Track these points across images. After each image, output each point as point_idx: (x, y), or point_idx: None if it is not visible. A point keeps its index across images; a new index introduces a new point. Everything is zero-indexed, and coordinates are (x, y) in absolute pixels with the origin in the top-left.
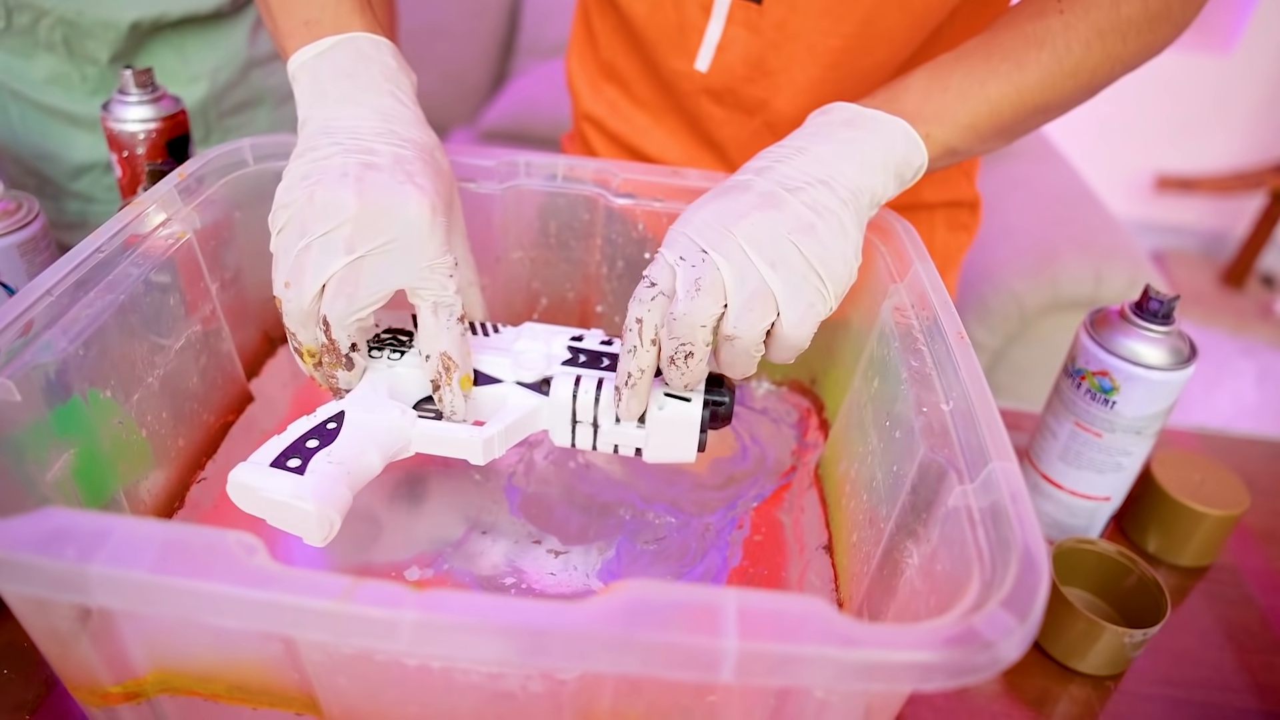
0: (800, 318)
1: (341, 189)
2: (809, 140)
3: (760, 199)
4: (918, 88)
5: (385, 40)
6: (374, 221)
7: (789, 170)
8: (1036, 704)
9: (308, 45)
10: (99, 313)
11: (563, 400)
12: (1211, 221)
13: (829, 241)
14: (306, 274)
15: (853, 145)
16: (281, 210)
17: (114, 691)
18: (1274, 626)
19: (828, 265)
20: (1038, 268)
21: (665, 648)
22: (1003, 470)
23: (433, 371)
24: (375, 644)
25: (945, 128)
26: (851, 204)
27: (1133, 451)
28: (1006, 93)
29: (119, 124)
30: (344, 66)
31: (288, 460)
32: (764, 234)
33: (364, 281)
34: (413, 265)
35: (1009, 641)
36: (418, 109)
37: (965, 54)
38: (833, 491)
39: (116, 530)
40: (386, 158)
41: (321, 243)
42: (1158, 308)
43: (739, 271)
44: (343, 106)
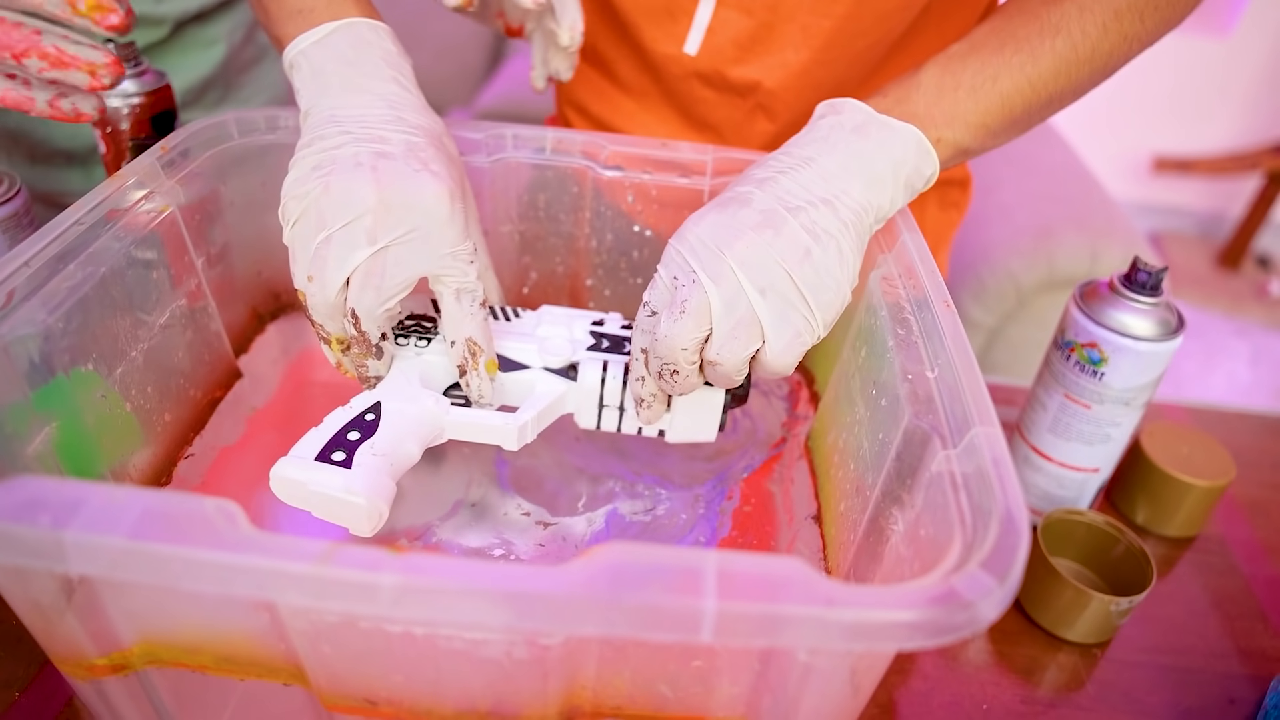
0: (785, 346)
1: (357, 179)
2: (818, 149)
3: (760, 218)
4: (930, 86)
5: (383, 25)
6: (394, 211)
7: (793, 185)
8: (1025, 672)
9: (305, 33)
10: (79, 284)
11: (591, 386)
12: (1208, 203)
13: (824, 269)
14: (329, 267)
15: (861, 158)
16: (293, 202)
17: (100, 664)
18: (1258, 594)
19: (819, 294)
20: (1034, 246)
21: (645, 609)
22: (985, 435)
23: (458, 357)
24: (355, 608)
25: (957, 129)
26: (853, 226)
27: (1121, 423)
28: (1020, 86)
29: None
30: (344, 53)
31: (332, 454)
32: (758, 258)
33: (389, 272)
34: (435, 253)
35: (988, 601)
36: (420, 93)
37: (977, 45)
38: (822, 462)
39: (92, 498)
40: (399, 145)
41: (342, 235)
42: (1146, 279)
43: (727, 298)
44: (347, 94)
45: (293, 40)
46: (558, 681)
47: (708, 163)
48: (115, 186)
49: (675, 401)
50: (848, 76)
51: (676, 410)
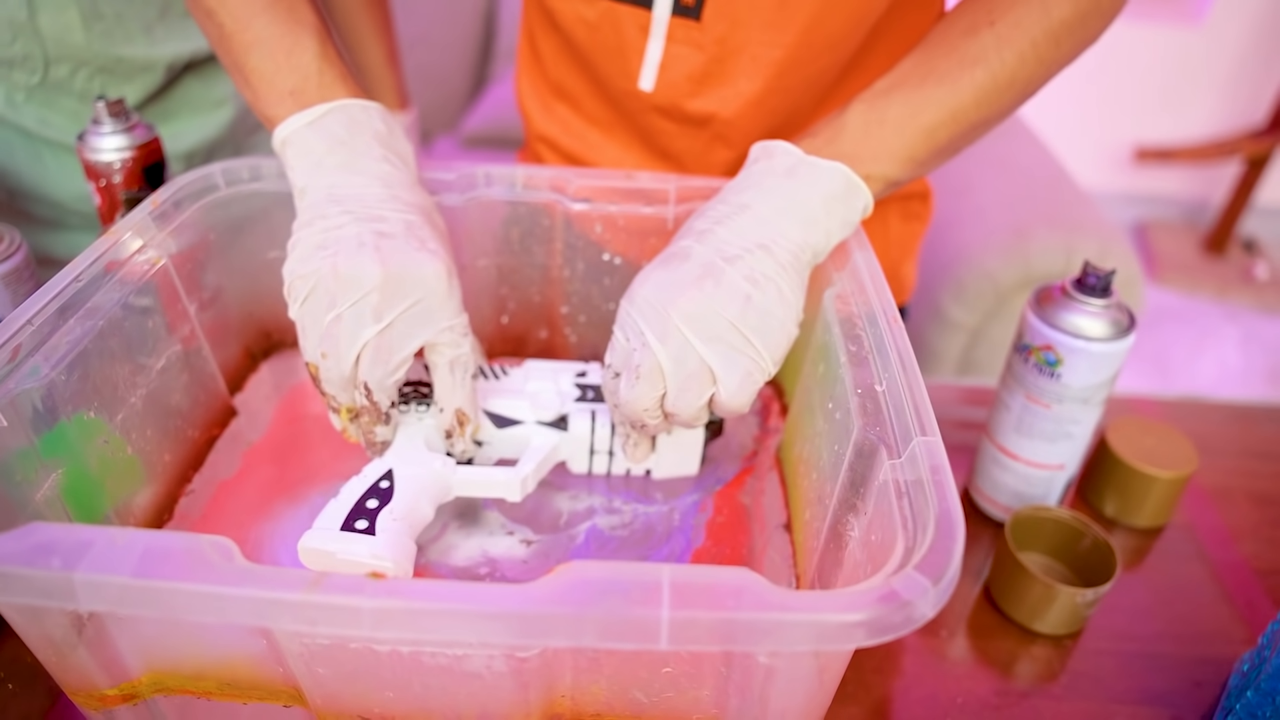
0: (738, 387)
1: (362, 258)
2: (752, 195)
3: (700, 271)
4: (856, 125)
5: (374, 104)
6: (398, 288)
7: (729, 235)
8: (1003, 665)
9: (297, 114)
10: (80, 338)
11: (581, 435)
12: (1191, 190)
13: (766, 311)
14: (342, 343)
15: (794, 199)
16: (300, 281)
17: (111, 694)
18: (1222, 580)
19: (764, 335)
20: (1010, 245)
21: (606, 621)
22: (925, 445)
23: (448, 422)
24: (340, 630)
25: (885, 164)
26: (791, 266)
27: (1081, 420)
28: (943, 118)
29: (94, 154)
30: (338, 134)
31: (355, 522)
32: (700, 311)
33: (395, 346)
34: (435, 325)
35: (924, 600)
36: (413, 168)
37: (900, 81)
38: (790, 473)
39: (98, 540)
40: (398, 225)
41: (352, 313)
42: (1095, 282)
43: (676, 355)
44: (342, 174)
45: (285, 120)
46: (538, 692)
47: (670, 191)
48: (111, 242)
49: (659, 442)
50: (801, 102)
51: (660, 450)
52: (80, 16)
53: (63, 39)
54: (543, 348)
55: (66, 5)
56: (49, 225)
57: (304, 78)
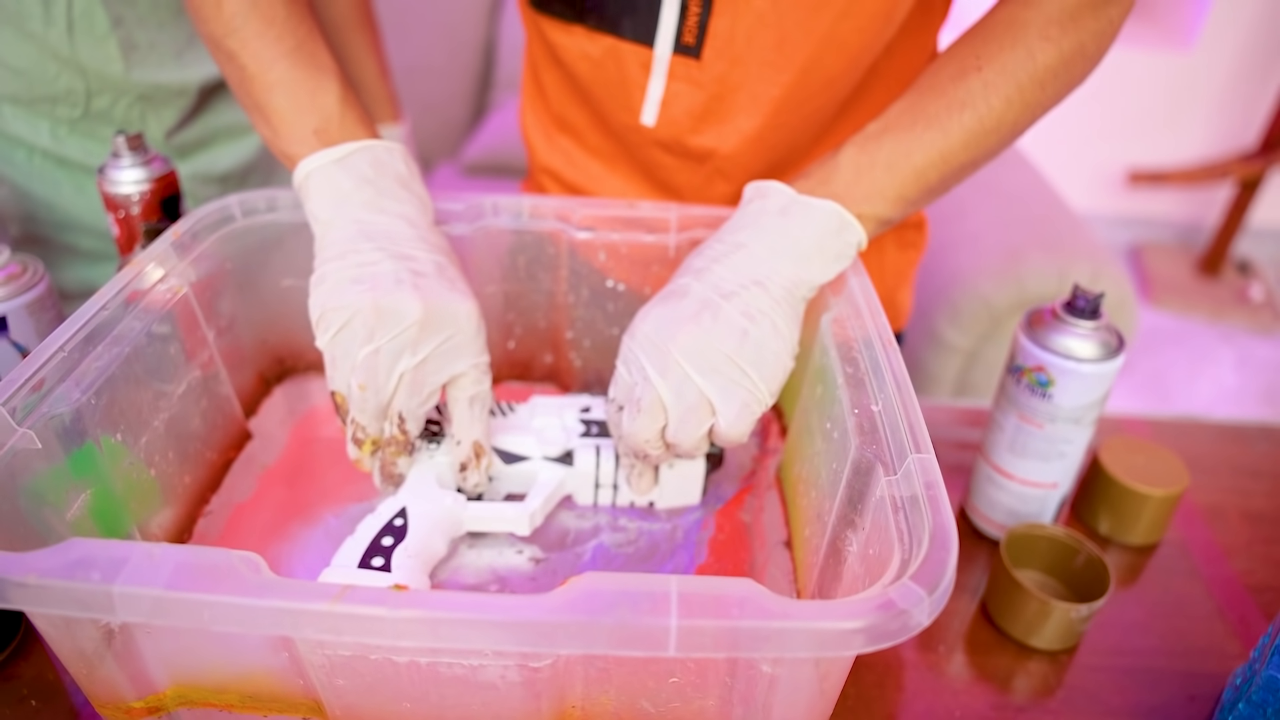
0: (735, 417)
1: (401, 295)
2: (748, 234)
3: (697, 307)
4: (848, 167)
5: (398, 146)
6: (435, 324)
7: (726, 272)
8: (1000, 681)
9: (322, 151)
10: (107, 365)
11: (587, 470)
12: (1185, 212)
13: (761, 344)
14: (380, 375)
15: (788, 238)
16: (335, 314)
17: (137, 707)
18: (1215, 595)
19: (761, 367)
20: (1004, 269)
21: (617, 629)
22: (919, 462)
23: (463, 456)
24: (365, 639)
25: (876, 204)
26: (785, 301)
27: (1073, 439)
28: (932, 159)
29: (114, 187)
30: (364, 172)
31: (371, 559)
32: (698, 346)
33: (427, 379)
34: (463, 361)
35: (919, 609)
36: (430, 211)
37: (891, 124)
38: (790, 492)
39: (133, 555)
40: (429, 265)
41: (391, 346)
42: (1085, 305)
43: (675, 388)
44: (368, 212)
45: (308, 156)
46: (549, 702)
47: (671, 220)
48: (134, 273)
49: (661, 475)
50: (799, 138)
51: (663, 483)
52: (119, 47)
53: (103, 71)
54: (548, 372)
55: (105, 37)
56: (95, 258)
57: (327, 119)
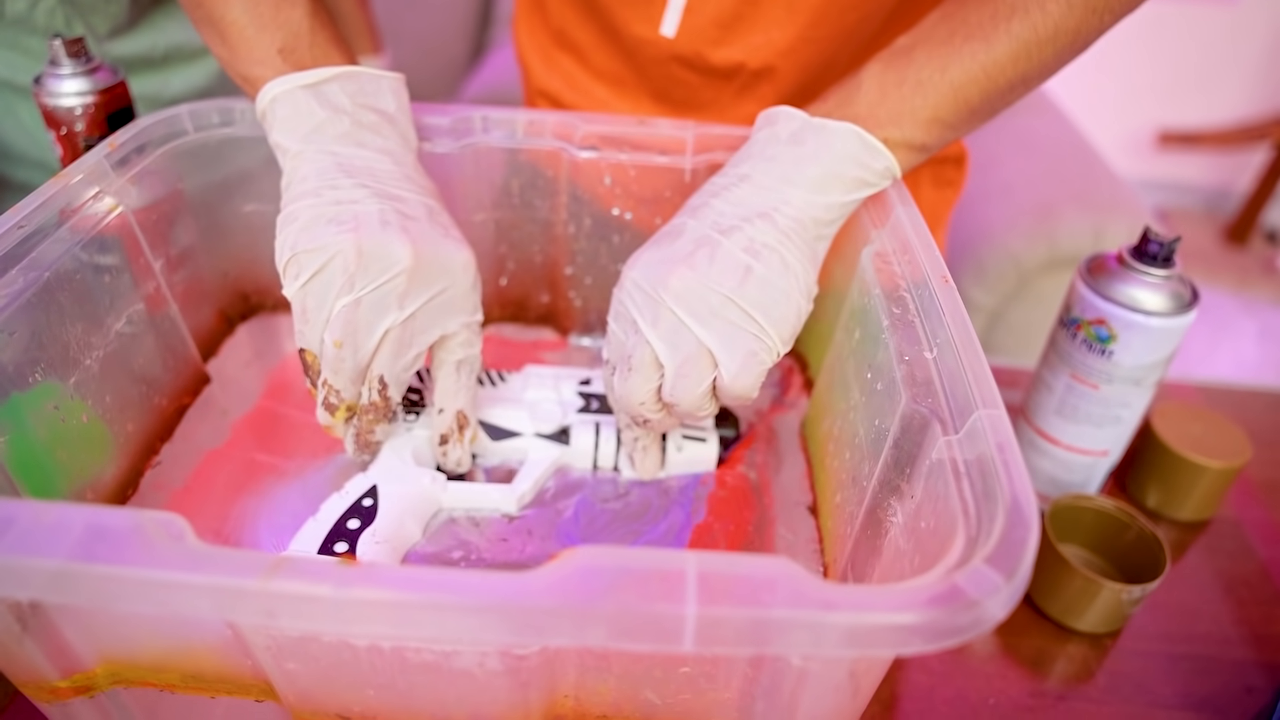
0: (740, 368)
1: (389, 238)
2: (753, 164)
3: (691, 247)
4: (871, 86)
5: (390, 75)
6: (426, 275)
7: (725, 206)
8: (1033, 664)
9: (290, 74)
10: (21, 290)
11: (585, 449)
12: (1215, 177)
13: (768, 283)
14: (360, 331)
15: (799, 165)
16: (307, 256)
17: (63, 686)
18: (1274, 578)
19: (768, 310)
20: (1035, 225)
21: (620, 617)
22: (989, 418)
23: (445, 427)
24: (305, 625)
25: (906, 127)
26: (796, 235)
27: (1131, 403)
28: (974, 75)
29: (53, 99)
30: (341, 103)
31: (334, 545)
32: (693, 289)
33: (414, 338)
34: (452, 320)
35: (995, 600)
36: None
37: (924, 36)
38: (816, 451)
39: (21, 516)
40: (419, 208)
41: (374, 298)
42: (1157, 250)
43: (669, 338)
44: (346, 145)
45: (274, 79)
46: (537, 692)
47: (688, 140)
48: (59, 186)
49: (670, 461)
50: (837, 55)
51: (671, 467)
52: None
53: None
54: (544, 313)
55: None
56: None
57: (293, 35)
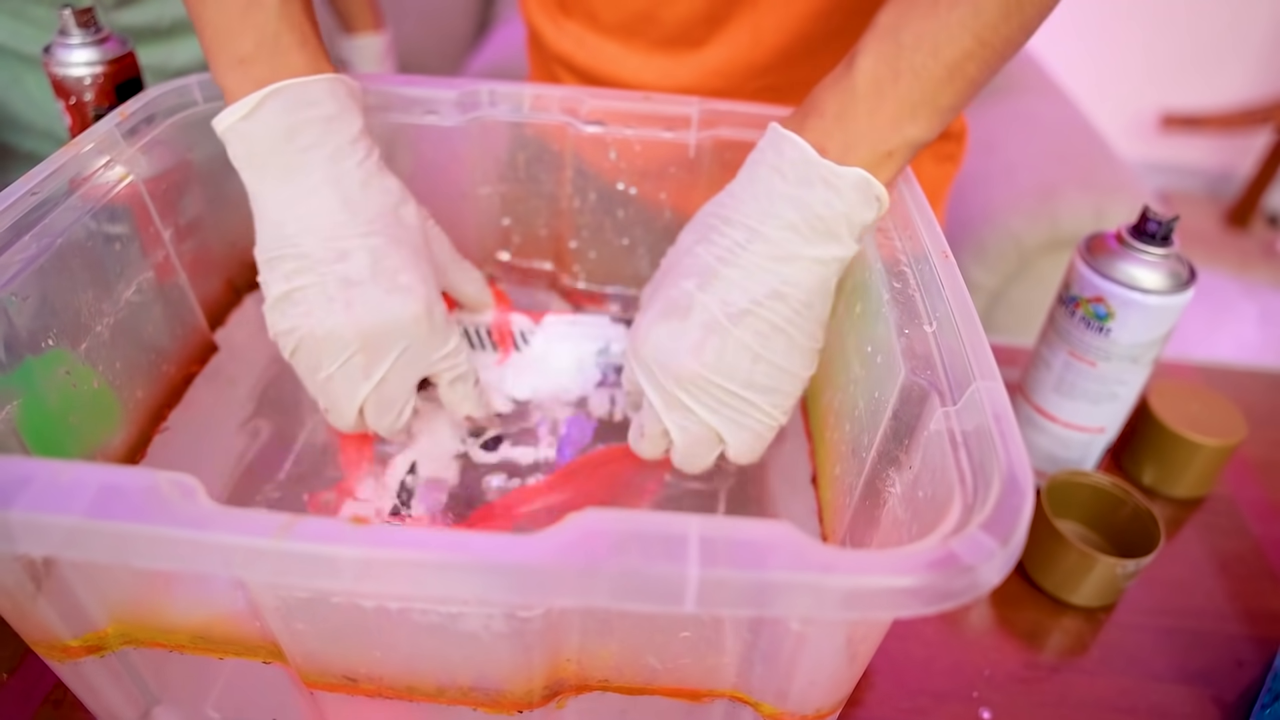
0: (747, 448)
1: (333, 319)
2: (759, 217)
3: (701, 334)
4: (866, 86)
5: (318, 78)
6: (380, 342)
7: (737, 278)
8: (1028, 637)
9: (235, 104)
10: (34, 256)
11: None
12: (1217, 160)
13: (775, 367)
14: (340, 401)
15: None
16: (283, 337)
17: (75, 645)
18: (1267, 555)
19: (773, 395)
20: (1037, 205)
21: (623, 578)
22: (986, 390)
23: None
24: (316, 583)
25: (908, 129)
26: (805, 310)
27: (1128, 381)
28: (968, 48)
29: (62, 69)
30: (277, 126)
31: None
32: (703, 383)
33: (393, 395)
34: (427, 360)
35: (990, 565)
36: (367, 144)
37: (908, 9)
38: (817, 424)
39: (39, 475)
40: (363, 261)
41: (342, 374)
42: (1156, 229)
43: (680, 424)
44: (291, 181)
45: (222, 112)
46: (540, 654)
47: (692, 115)
48: (70, 154)
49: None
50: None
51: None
52: None
53: None
54: (549, 284)
55: None
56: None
57: (258, 42)
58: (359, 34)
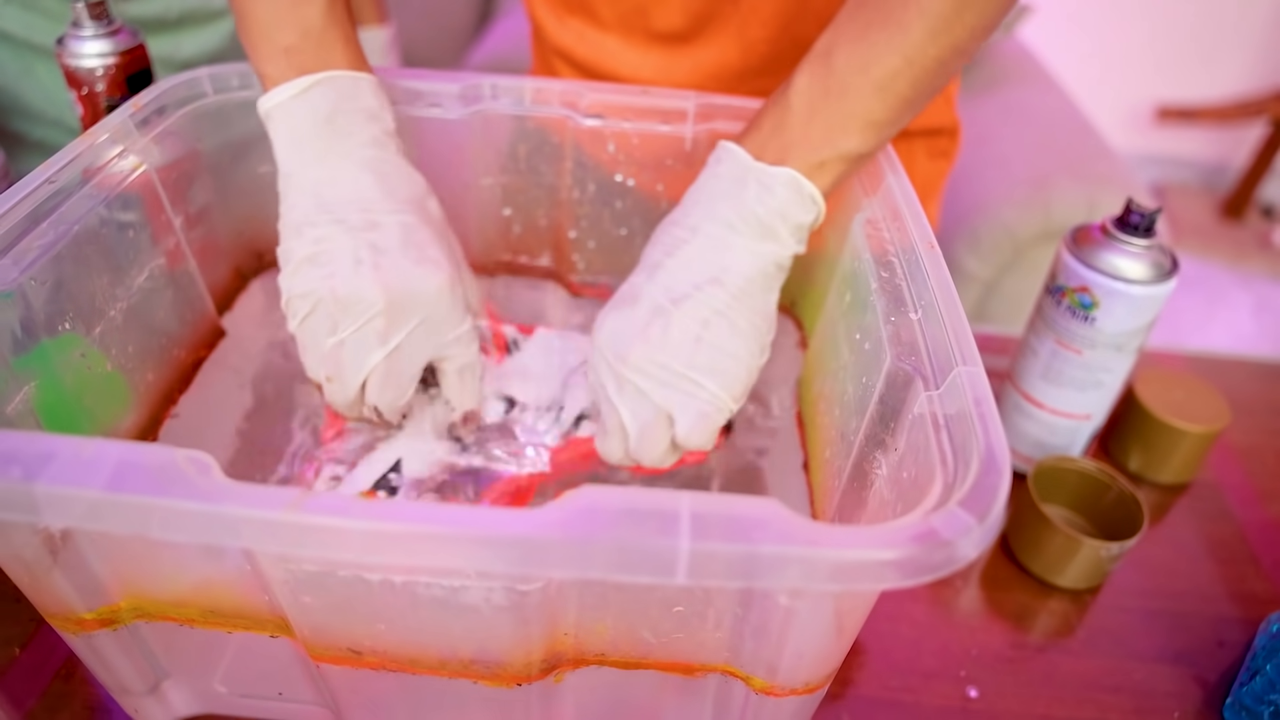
0: (691, 427)
1: (361, 280)
2: (701, 215)
3: (648, 317)
4: (800, 103)
5: (366, 76)
6: (403, 309)
7: (677, 268)
8: (1016, 618)
9: (284, 84)
10: (52, 243)
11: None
12: (1212, 152)
13: (718, 349)
14: (347, 370)
15: (744, 214)
16: (298, 301)
17: (89, 618)
18: (1250, 539)
19: (718, 375)
20: (1030, 196)
21: (618, 550)
22: (967, 375)
23: (455, 417)
24: (326, 554)
25: (839, 142)
26: (746, 294)
27: (1113, 368)
28: (896, 67)
29: (75, 60)
30: (323, 110)
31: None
32: (649, 361)
33: (403, 367)
34: (441, 339)
35: (967, 540)
36: (399, 143)
37: (841, 34)
38: (808, 410)
39: (62, 450)
40: (394, 232)
41: (356, 339)
42: (1139, 221)
43: (631, 407)
44: (327, 165)
45: (271, 90)
46: (539, 628)
47: (688, 109)
48: (86, 144)
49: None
50: None
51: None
52: None
53: None
54: (548, 274)
55: None
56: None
57: (304, 34)
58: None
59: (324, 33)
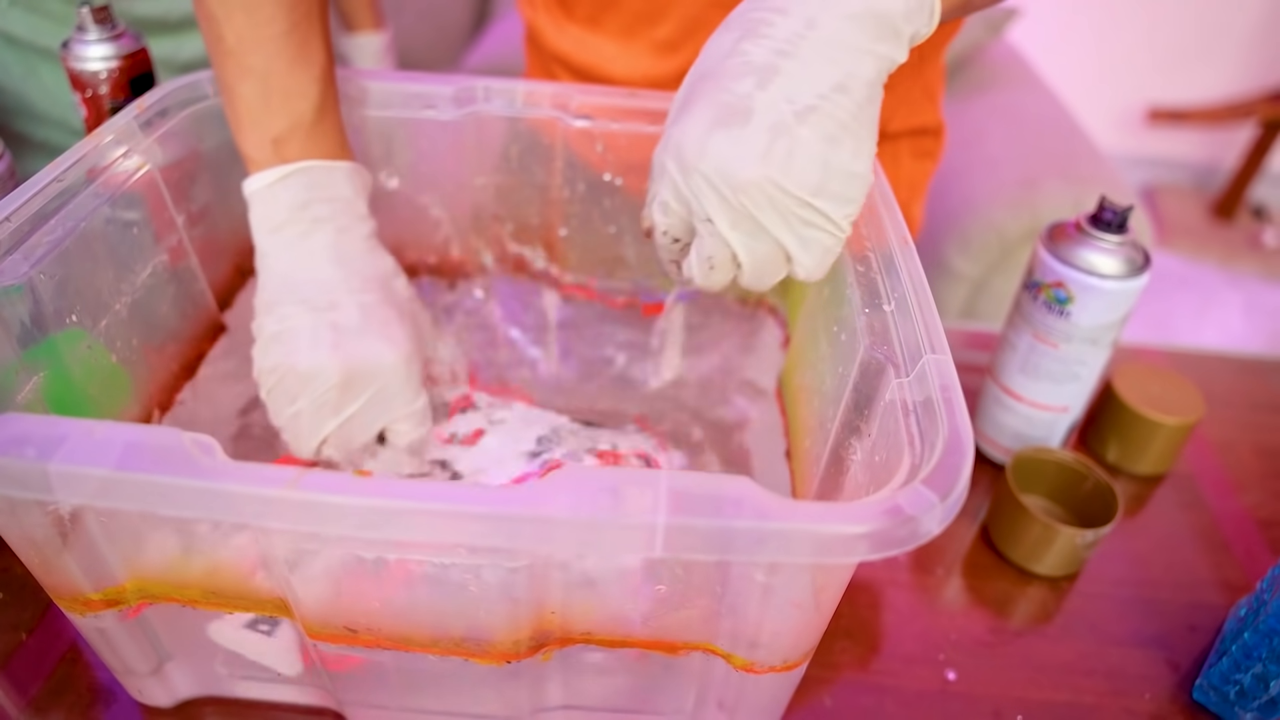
0: (816, 264)
1: (319, 356)
2: (819, 6)
3: (768, 138)
4: None
5: (341, 164)
6: (356, 382)
7: (799, 72)
8: (996, 605)
9: (267, 170)
10: (60, 239)
11: None
12: (1203, 153)
13: (845, 172)
14: (303, 437)
15: (865, 17)
16: (265, 374)
17: (95, 599)
18: (1223, 528)
19: (843, 201)
20: (1018, 196)
21: (597, 524)
22: (935, 362)
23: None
24: (324, 529)
25: None
26: (869, 103)
27: (1088, 362)
28: None
29: (79, 63)
30: (299, 197)
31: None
32: (772, 194)
33: (355, 434)
34: (393, 413)
35: (930, 515)
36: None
37: None
38: (790, 402)
39: (74, 432)
40: (354, 313)
41: (311, 410)
42: (1112, 218)
43: (748, 244)
44: (298, 247)
45: (255, 175)
46: (526, 606)
47: None
48: (92, 145)
49: None
50: None
51: None
52: None
53: None
54: (538, 273)
55: None
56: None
57: (294, 125)
58: (360, 32)
59: (314, 126)
